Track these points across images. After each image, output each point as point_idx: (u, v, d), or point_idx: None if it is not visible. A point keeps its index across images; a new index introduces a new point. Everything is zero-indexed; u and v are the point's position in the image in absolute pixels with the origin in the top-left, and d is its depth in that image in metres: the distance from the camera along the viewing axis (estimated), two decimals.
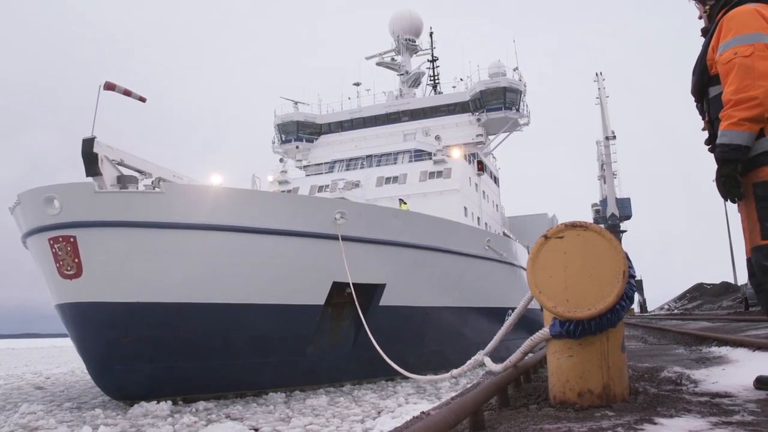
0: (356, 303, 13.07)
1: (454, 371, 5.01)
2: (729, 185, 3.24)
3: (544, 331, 3.40)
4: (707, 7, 3.67)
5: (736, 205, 3.46)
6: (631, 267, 3.40)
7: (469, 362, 4.68)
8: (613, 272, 3.20)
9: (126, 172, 12.42)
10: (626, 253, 3.34)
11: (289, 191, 26.57)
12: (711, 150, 3.48)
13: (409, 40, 34.58)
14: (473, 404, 2.84)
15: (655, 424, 2.74)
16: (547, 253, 3.35)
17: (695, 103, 3.72)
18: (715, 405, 3.17)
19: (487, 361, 4.28)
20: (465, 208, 24.74)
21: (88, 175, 11.70)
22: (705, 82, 3.56)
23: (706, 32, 3.60)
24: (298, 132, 32.92)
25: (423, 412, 3.19)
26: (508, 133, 32.65)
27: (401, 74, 34.39)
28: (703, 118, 3.66)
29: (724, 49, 3.28)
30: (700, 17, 3.77)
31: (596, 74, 61.89)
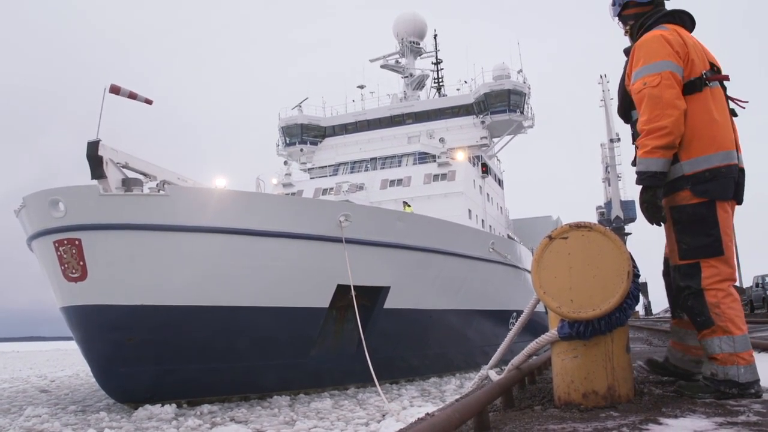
0: (355, 306, 13.03)
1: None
2: (651, 210, 3.42)
3: (552, 333, 3.38)
4: (628, 27, 3.85)
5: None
6: (635, 267, 3.40)
7: (474, 380, 4.74)
8: (618, 273, 3.20)
9: (131, 174, 12.44)
10: (631, 254, 3.34)
11: (293, 194, 26.57)
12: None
13: (414, 42, 34.55)
14: (477, 405, 2.84)
15: (660, 424, 2.74)
16: (552, 253, 3.35)
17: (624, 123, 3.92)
18: (720, 406, 3.16)
19: (492, 374, 4.31)
20: (469, 211, 24.72)
21: (93, 178, 11.74)
22: (627, 106, 3.73)
23: (628, 52, 3.74)
24: (303, 135, 32.91)
25: (428, 414, 3.19)
26: (512, 136, 32.60)
27: (405, 77, 34.34)
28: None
29: (635, 79, 3.47)
30: (626, 34, 3.93)
31: (600, 76, 61.70)
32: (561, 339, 3.32)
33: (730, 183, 3.41)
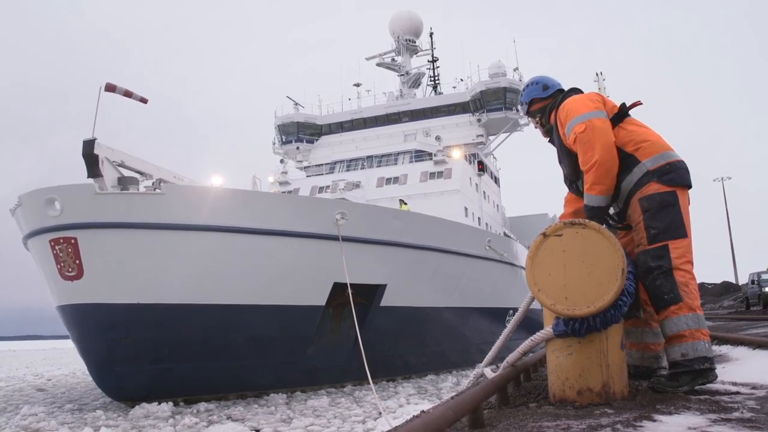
0: (352, 304, 13.03)
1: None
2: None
3: (547, 331, 3.38)
4: (537, 119, 4.54)
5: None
6: (630, 265, 3.41)
7: (470, 378, 4.74)
8: (612, 270, 3.20)
9: (127, 173, 12.42)
10: (626, 251, 3.35)
11: (289, 192, 26.57)
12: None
13: (409, 40, 34.53)
14: (472, 402, 2.84)
15: (654, 421, 2.75)
16: (546, 251, 3.35)
17: (571, 185, 4.36)
18: (714, 402, 3.17)
19: (487, 372, 4.31)
20: (465, 209, 24.74)
21: (89, 177, 11.71)
22: (575, 162, 4.11)
23: (549, 131, 4.40)
24: (299, 133, 32.89)
25: (423, 411, 3.19)
26: (508, 134, 32.62)
27: (401, 75, 34.34)
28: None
29: (568, 132, 3.97)
30: (536, 126, 4.62)
31: (596, 74, 61.57)
32: (556, 336, 3.32)
33: (685, 172, 3.84)
